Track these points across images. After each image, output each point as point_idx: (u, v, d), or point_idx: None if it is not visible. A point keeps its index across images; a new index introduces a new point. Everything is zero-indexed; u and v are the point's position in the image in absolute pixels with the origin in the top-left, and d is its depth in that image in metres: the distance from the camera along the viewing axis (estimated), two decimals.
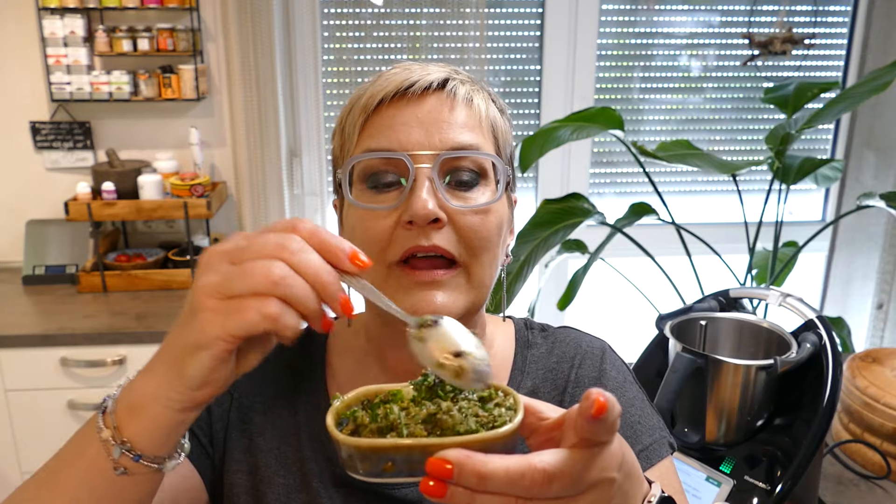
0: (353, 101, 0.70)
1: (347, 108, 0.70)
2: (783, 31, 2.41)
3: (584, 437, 0.42)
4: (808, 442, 0.98)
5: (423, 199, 0.62)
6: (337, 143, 0.71)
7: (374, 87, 0.67)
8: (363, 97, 0.68)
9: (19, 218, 2.30)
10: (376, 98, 0.66)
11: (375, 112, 0.66)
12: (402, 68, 0.69)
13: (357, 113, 0.67)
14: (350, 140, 0.68)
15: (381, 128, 0.66)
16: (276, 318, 0.47)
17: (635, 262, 2.03)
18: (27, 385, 1.91)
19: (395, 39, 2.35)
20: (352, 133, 0.68)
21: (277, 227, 0.49)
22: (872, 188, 2.38)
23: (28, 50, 2.18)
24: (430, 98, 0.67)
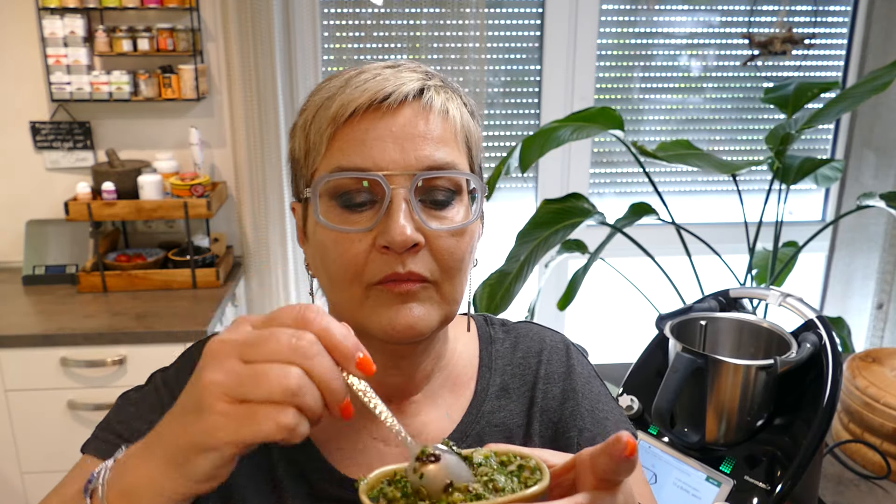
0: (317, 105, 0.64)
1: (311, 110, 0.65)
2: (783, 31, 2.41)
3: (605, 477, 0.45)
4: (808, 442, 0.98)
5: (401, 224, 0.59)
6: (299, 146, 0.66)
7: (343, 95, 0.62)
8: (332, 106, 0.62)
9: (19, 218, 2.30)
10: (348, 109, 0.61)
11: (346, 124, 0.62)
12: (373, 74, 0.64)
13: (324, 122, 0.63)
14: (316, 149, 0.64)
15: (352, 142, 0.61)
16: (291, 428, 0.46)
17: (635, 262, 2.03)
18: (27, 385, 1.91)
19: (395, 39, 2.35)
20: (318, 142, 0.63)
21: (287, 320, 0.48)
22: (872, 188, 2.38)
23: (28, 50, 2.18)
24: (404, 109, 0.62)
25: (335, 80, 0.65)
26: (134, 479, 0.51)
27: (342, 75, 0.65)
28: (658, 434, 1.09)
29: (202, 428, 0.47)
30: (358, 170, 0.61)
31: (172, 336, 1.90)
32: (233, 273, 2.32)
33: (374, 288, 0.62)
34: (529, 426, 0.75)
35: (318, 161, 0.63)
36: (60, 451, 1.97)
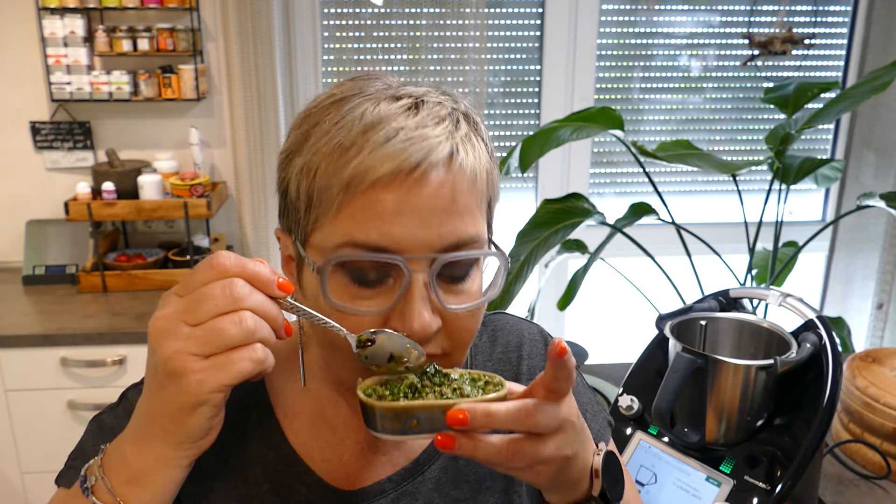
0: (325, 153, 0.55)
1: (318, 155, 0.55)
2: (783, 31, 2.41)
3: (550, 387, 0.52)
4: (808, 442, 0.98)
5: (421, 314, 0.55)
6: (298, 190, 0.57)
7: (360, 158, 0.53)
8: (346, 168, 0.53)
9: (19, 218, 2.30)
10: (366, 179, 0.53)
11: (362, 192, 0.54)
12: (395, 128, 0.53)
13: (336, 184, 0.54)
14: (322, 208, 0.55)
15: (369, 215, 0.53)
16: (264, 360, 0.51)
17: (635, 262, 2.02)
18: (27, 385, 1.91)
19: (395, 39, 2.35)
20: (326, 202, 0.55)
21: (208, 275, 0.51)
22: (872, 188, 2.38)
23: (28, 50, 2.18)
24: (430, 176, 0.54)
25: (346, 114, 0.55)
26: (138, 464, 0.53)
27: (355, 109, 0.55)
28: (658, 434, 1.09)
29: (185, 389, 0.50)
30: (376, 249, 0.54)
31: None
32: None
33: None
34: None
35: (324, 222, 0.56)
36: (60, 451, 1.96)
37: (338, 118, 0.55)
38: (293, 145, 0.58)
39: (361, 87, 0.58)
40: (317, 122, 0.57)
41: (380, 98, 0.56)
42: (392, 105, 0.55)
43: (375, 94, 0.56)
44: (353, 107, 0.55)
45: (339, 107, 0.56)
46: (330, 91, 0.60)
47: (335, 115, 0.56)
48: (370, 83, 0.58)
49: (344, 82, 0.60)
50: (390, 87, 0.58)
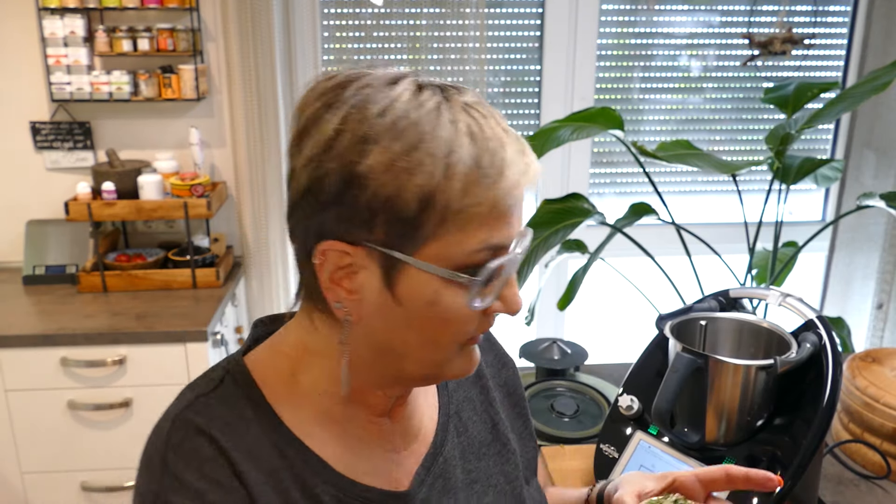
0: (462, 173, 0.56)
1: (458, 177, 0.56)
2: (783, 31, 2.41)
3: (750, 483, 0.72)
4: (808, 442, 0.98)
5: (520, 296, 0.63)
6: (430, 210, 0.56)
7: (505, 179, 0.57)
8: (493, 191, 0.57)
9: (19, 218, 2.30)
10: (509, 197, 0.58)
11: (503, 208, 0.59)
12: (505, 142, 0.59)
13: (486, 203, 0.57)
14: (463, 222, 0.57)
15: (500, 223, 0.58)
16: None
17: (635, 262, 2.03)
18: (27, 385, 1.91)
19: (395, 39, 2.35)
20: (469, 218, 0.57)
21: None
22: (872, 188, 2.38)
23: (28, 50, 2.19)
24: (533, 169, 0.62)
25: (452, 130, 0.57)
26: None
27: (458, 122, 0.57)
28: (658, 434, 1.09)
29: None
30: (501, 248, 0.59)
31: (172, 336, 1.90)
32: (233, 273, 2.32)
33: (464, 344, 0.64)
34: (488, 396, 0.81)
35: (452, 231, 0.57)
36: (60, 451, 1.97)
37: (452, 135, 0.56)
38: (397, 153, 0.55)
39: (419, 92, 0.58)
40: (422, 137, 0.55)
41: (463, 108, 0.58)
42: (482, 118, 0.59)
43: (448, 101, 0.58)
44: (455, 120, 0.57)
45: (439, 120, 0.56)
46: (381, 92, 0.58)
47: (445, 130, 0.56)
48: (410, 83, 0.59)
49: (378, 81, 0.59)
50: (433, 87, 0.59)
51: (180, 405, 0.64)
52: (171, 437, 0.61)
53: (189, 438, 0.61)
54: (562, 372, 1.52)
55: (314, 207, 0.58)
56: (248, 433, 0.63)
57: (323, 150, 0.57)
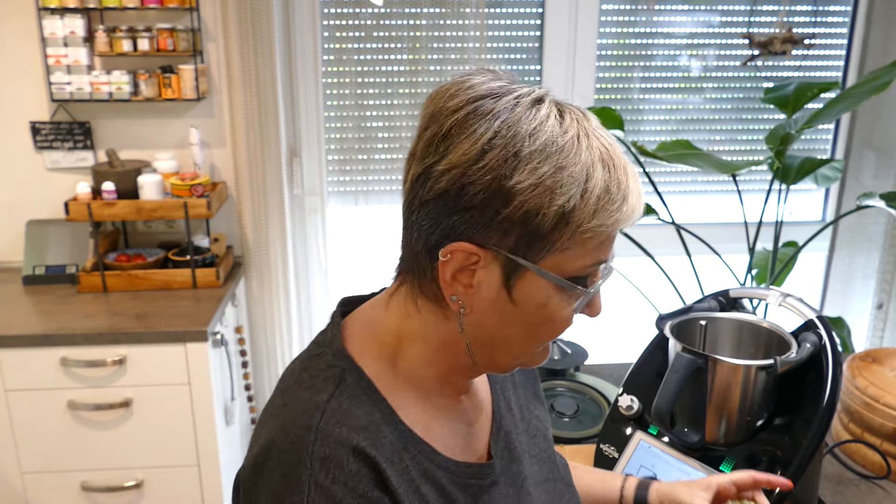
0: (596, 194, 0.62)
1: (590, 204, 0.62)
2: (783, 31, 2.41)
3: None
4: (808, 442, 0.98)
5: (602, 302, 0.71)
6: (563, 228, 0.62)
7: (624, 211, 0.64)
8: (613, 217, 0.64)
9: (19, 218, 2.30)
10: (621, 225, 0.66)
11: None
12: (625, 178, 0.65)
13: (606, 228, 0.64)
14: (586, 240, 0.64)
15: (611, 241, 0.67)
16: None
17: (635, 262, 2.03)
18: (27, 385, 1.91)
19: (395, 39, 2.35)
20: (593, 238, 0.64)
21: None
22: (872, 188, 2.38)
23: (28, 50, 2.19)
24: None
25: (590, 160, 0.63)
26: None
27: (593, 152, 0.63)
28: (658, 434, 1.09)
29: None
30: (605, 262, 0.67)
31: (172, 336, 1.90)
32: (233, 273, 2.32)
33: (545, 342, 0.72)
34: (513, 374, 0.88)
35: (572, 246, 0.64)
36: (60, 451, 1.97)
37: (589, 163, 0.62)
38: (544, 174, 0.61)
39: (561, 117, 0.63)
40: (566, 162, 0.61)
41: (591, 135, 0.64)
42: (609, 145, 0.65)
43: (584, 129, 0.64)
44: (591, 148, 0.63)
45: (578, 147, 0.62)
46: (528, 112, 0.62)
47: (585, 157, 0.62)
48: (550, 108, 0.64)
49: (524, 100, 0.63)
50: (562, 110, 0.64)
51: (311, 411, 0.64)
52: (315, 450, 0.61)
53: (335, 452, 0.61)
54: (562, 372, 1.52)
55: (451, 209, 0.62)
56: (381, 435, 0.65)
57: (473, 160, 0.61)
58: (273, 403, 0.70)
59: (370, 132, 2.41)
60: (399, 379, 0.70)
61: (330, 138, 2.41)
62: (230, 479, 1.94)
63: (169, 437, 1.98)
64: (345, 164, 2.44)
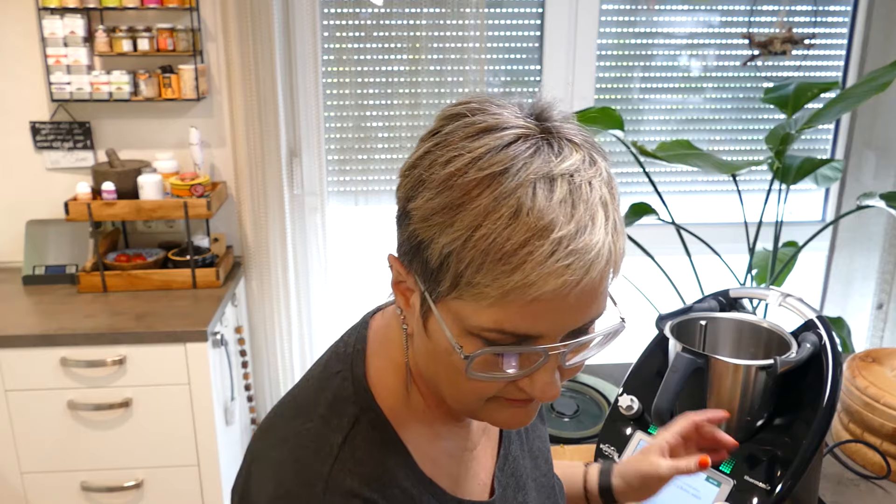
0: (483, 246, 0.52)
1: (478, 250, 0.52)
2: (783, 31, 2.41)
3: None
4: (808, 442, 0.98)
5: (555, 386, 0.58)
6: (448, 269, 0.54)
7: (526, 274, 0.51)
8: (509, 281, 0.52)
9: (19, 218, 2.30)
10: (527, 295, 0.52)
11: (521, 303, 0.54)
12: (556, 240, 0.52)
13: (496, 290, 0.53)
14: (476, 297, 0.54)
15: (523, 315, 0.54)
16: None
17: (635, 262, 2.03)
18: (27, 385, 1.91)
19: (395, 39, 2.35)
20: (481, 295, 0.54)
21: None
22: (872, 188, 2.38)
23: (28, 50, 2.18)
24: (590, 286, 0.54)
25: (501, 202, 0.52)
26: None
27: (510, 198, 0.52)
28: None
29: None
30: (523, 338, 0.55)
31: (172, 336, 1.90)
32: (233, 273, 2.32)
33: (497, 399, 0.61)
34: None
35: (469, 300, 0.55)
36: (60, 451, 1.97)
37: (492, 207, 0.52)
38: (436, 208, 0.54)
39: (506, 149, 0.54)
40: (463, 200, 0.53)
41: (535, 179, 0.52)
42: (550, 196, 0.52)
43: (525, 168, 0.53)
44: (507, 192, 0.52)
45: (490, 188, 0.52)
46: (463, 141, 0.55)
47: (488, 199, 0.52)
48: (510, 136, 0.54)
49: (475, 126, 0.56)
50: (536, 146, 0.54)
51: (325, 456, 0.61)
52: (326, 500, 0.60)
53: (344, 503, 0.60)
54: None
55: (396, 218, 0.60)
56: (393, 483, 0.63)
57: (402, 174, 0.59)
58: (284, 417, 0.67)
59: (370, 132, 2.41)
60: (411, 409, 0.67)
61: (330, 138, 2.41)
62: (230, 479, 1.94)
63: (169, 437, 1.98)
64: (345, 164, 2.44)
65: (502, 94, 0.60)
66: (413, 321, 0.62)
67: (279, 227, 2.31)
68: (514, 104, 0.58)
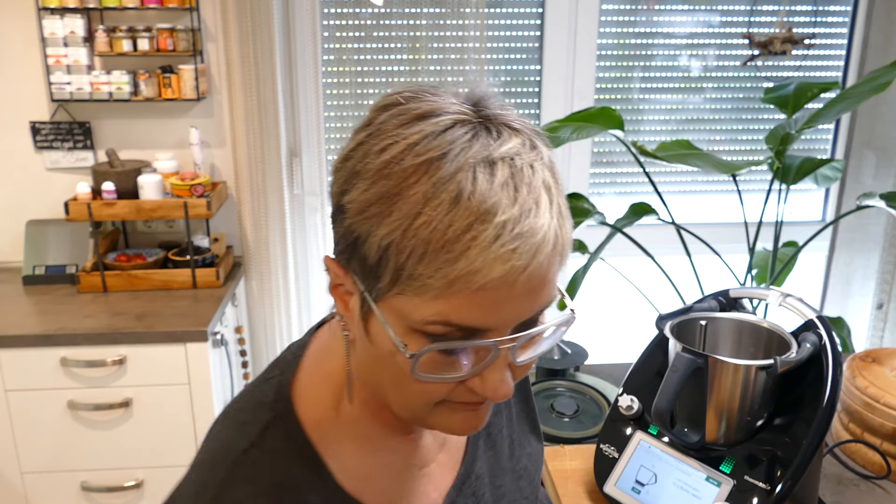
0: (424, 235, 0.49)
1: (418, 239, 0.49)
2: (783, 31, 2.41)
3: None
4: (808, 442, 0.98)
5: (506, 384, 0.55)
6: (387, 264, 0.51)
7: (471, 260, 0.49)
8: (453, 270, 0.49)
9: (19, 218, 2.30)
10: (473, 283, 0.49)
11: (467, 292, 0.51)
12: (501, 223, 0.49)
13: (440, 280, 0.50)
14: (418, 290, 0.51)
15: (470, 306, 0.51)
16: None
17: (635, 262, 2.03)
18: (27, 385, 1.91)
19: (395, 39, 2.35)
20: (423, 288, 0.50)
21: None
22: (872, 188, 2.38)
23: (28, 50, 2.19)
24: (537, 272, 0.51)
25: (440, 189, 0.49)
26: None
27: (450, 183, 0.49)
28: (658, 434, 1.09)
29: None
30: (469, 330, 0.52)
31: (172, 336, 1.90)
32: (233, 273, 2.32)
33: (447, 403, 0.58)
34: (510, 406, 0.80)
35: (411, 296, 0.51)
36: (60, 451, 1.97)
37: (431, 193, 0.49)
38: (372, 199, 0.51)
39: (443, 134, 0.51)
40: (400, 188, 0.50)
41: (475, 163, 0.50)
42: (491, 180, 0.50)
43: (464, 152, 0.50)
44: (446, 178, 0.49)
45: (429, 174, 0.50)
46: (398, 129, 0.52)
47: (427, 185, 0.49)
48: (446, 122, 0.52)
49: (410, 113, 0.53)
50: (475, 131, 0.52)
51: (221, 461, 0.60)
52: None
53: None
54: (562, 372, 1.51)
55: (331, 218, 0.57)
56: (296, 496, 0.59)
57: (335, 169, 0.56)
58: (218, 420, 0.65)
59: None
60: (341, 421, 0.63)
61: (330, 138, 2.41)
62: None
63: (169, 437, 1.98)
64: None
65: (438, 84, 0.56)
66: (354, 326, 0.58)
67: (279, 227, 2.31)
68: (450, 92, 0.55)
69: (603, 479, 1.09)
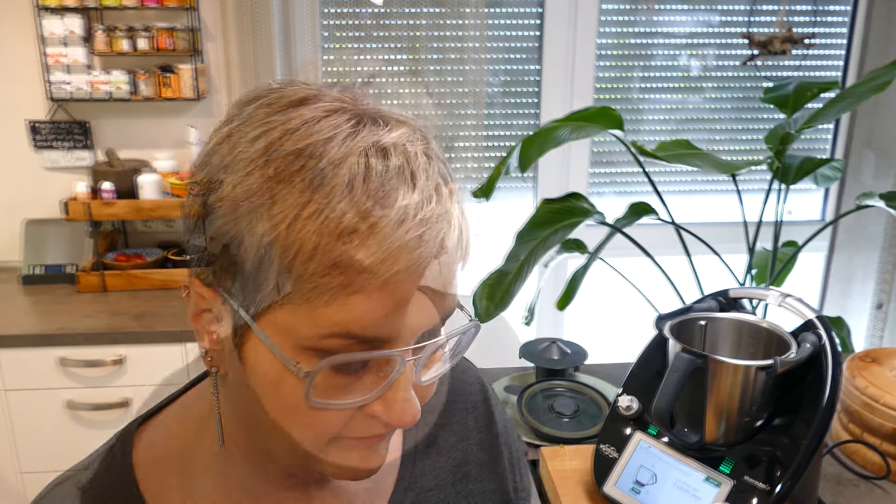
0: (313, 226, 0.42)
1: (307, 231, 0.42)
2: (783, 30, 2.41)
3: None
4: (808, 442, 0.98)
5: (413, 405, 0.48)
6: (269, 266, 0.43)
7: (373, 250, 0.42)
8: (352, 261, 0.42)
9: (18, 217, 2.30)
10: (378, 276, 0.43)
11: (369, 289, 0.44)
12: (402, 208, 0.43)
13: (337, 277, 0.42)
14: (310, 294, 0.43)
15: (372, 310, 0.43)
16: None
17: (635, 262, 2.02)
18: (26, 385, 1.91)
19: (395, 39, 2.35)
20: (316, 289, 0.43)
21: None
22: (872, 188, 2.38)
23: (27, 49, 2.18)
24: (443, 266, 0.46)
25: (326, 172, 0.43)
26: None
27: (341, 167, 0.43)
28: (658, 434, 1.09)
29: None
30: (372, 341, 0.44)
31: (172, 336, 1.90)
32: None
33: (342, 439, 0.49)
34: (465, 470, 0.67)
35: (300, 303, 0.43)
36: (59, 451, 1.96)
37: (320, 180, 0.42)
38: (248, 191, 0.43)
39: (326, 118, 0.45)
40: (282, 176, 0.43)
41: (366, 148, 0.44)
42: (386, 164, 0.44)
43: (351, 137, 0.44)
44: (336, 161, 0.43)
45: (314, 157, 0.43)
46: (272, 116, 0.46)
47: (313, 172, 0.43)
48: (327, 107, 0.46)
49: (284, 100, 0.47)
50: (358, 118, 0.46)
51: (48, 487, 0.56)
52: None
53: None
54: (561, 372, 1.51)
55: (186, 231, 0.49)
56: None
57: (191, 177, 0.48)
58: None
59: None
60: (197, 467, 0.56)
61: None
62: None
63: None
64: None
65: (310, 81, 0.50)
66: (224, 358, 0.50)
67: None
68: (323, 84, 0.49)
69: (602, 479, 1.09)
